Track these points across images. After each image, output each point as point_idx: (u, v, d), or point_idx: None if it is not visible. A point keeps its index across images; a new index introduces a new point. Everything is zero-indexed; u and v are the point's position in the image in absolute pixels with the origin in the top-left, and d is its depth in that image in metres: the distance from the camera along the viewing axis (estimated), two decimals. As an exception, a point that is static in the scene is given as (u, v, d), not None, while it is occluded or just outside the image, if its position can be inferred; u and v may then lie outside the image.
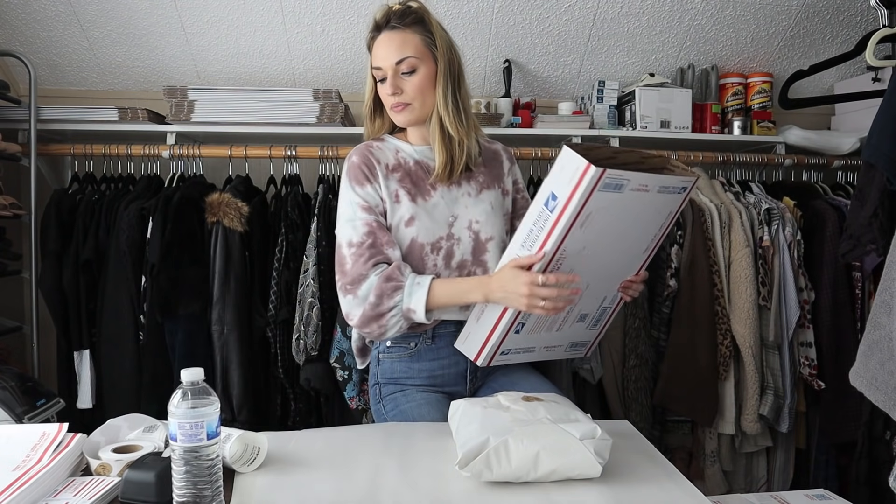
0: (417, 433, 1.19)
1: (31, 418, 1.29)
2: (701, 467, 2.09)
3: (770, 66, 2.51)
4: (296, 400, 2.01)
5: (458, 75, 1.38)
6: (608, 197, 1.15)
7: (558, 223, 1.15)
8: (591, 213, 1.16)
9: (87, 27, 2.20)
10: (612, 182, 1.13)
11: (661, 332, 2.06)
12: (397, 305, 1.29)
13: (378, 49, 1.34)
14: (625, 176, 1.14)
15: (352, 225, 1.33)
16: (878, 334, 1.25)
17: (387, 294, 1.28)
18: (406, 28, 1.32)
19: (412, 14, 1.33)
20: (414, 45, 1.32)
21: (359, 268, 1.30)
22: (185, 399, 0.82)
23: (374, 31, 1.36)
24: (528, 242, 1.20)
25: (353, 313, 1.32)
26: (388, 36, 1.33)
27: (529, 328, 1.30)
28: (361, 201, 1.34)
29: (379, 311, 1.29)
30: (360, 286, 1.30)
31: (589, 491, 0.95)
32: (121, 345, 1.92)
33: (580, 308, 1.36)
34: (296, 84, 2.42)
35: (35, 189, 2.07)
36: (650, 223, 1.32)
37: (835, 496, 1.40)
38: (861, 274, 2.08)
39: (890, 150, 1.40)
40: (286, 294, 1.96)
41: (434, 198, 1.38)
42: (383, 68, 1.33)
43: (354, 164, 1.36)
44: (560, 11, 2.27)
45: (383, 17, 1.34)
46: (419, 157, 1.41)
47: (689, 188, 1.31)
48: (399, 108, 1.35)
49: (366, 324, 1.31)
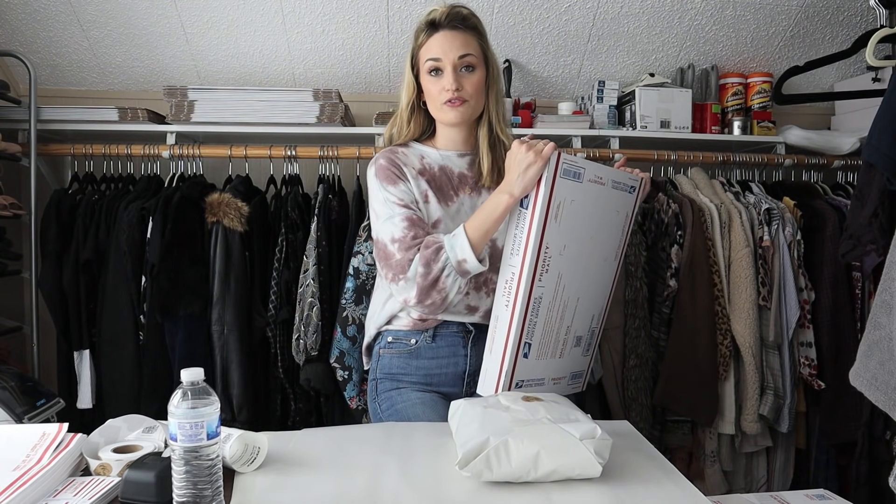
0: (417, 433, 1.19)
1: (31, 418, 1.29)
2: (701, 467, 2.09)
3: (770, 66, 2.51)
4: (296, 400, 2.01)
5: (502, 84, 1.44)
6: (571, 186, 1.25)
7: (534, 217, 1.22)
8: (560, 203, 1.24)
9: (87, 27, 2.20)
10: (571, 168, 1.24)
11: (661, 332, 2.06)
12: (446, 264, 1.27)
13: (439, 42, 1.35)
14: (579, 163, 1.26)
15: (392, 222, 1.32)
16: (878, 334, 1.25)
17: (432, 259, 1.27)
18: (467, 30, 1.36)
19: (472, 19, 1.37)
20: (474, 47, 1.36)
21: (403, 256, 1.30)
22: (185, 399, 0.82)
23: (430, 28, 1.37)
24: (515, 247, 1.26)
25: (409, 295, 1.30)
26: (450, 34, 1.35)
27: (536, 351, 1.31)
28: (396, 199, 1.33)
29: (432, 277, 1.28)
30: (407, 269, 1.29)
31: (589, 491, 0.95)
32: (121, 345, 1.92)
33: (576, 328, 1.39)
34: (296, 84, 2.42)
35: (35, 189, 2.07)
36: (613, 224, 1.39)
37: (835, 496, 1.40)
38: (861, 274, 2.08)
39: (890, 150, 1.40)
40: (286, 294, 1.96)
41: (457, 203, 1.39)
42: (443, 60, 1.34)
43: (383, 166, 1.36)
44: (560, 11, 2.27)
45: (445, 17, 1.35)
46: (444, 163, 1.41)
47: (639, 189, 1.41)
48: (457, 102, 1.35)
49: (425, 295, 1.29)
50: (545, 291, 1.27)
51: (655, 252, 2.11)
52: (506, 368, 1.27)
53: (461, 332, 1.41)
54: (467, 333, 1.41)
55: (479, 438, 0.97)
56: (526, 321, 1.26)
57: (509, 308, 1.25)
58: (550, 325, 1.32)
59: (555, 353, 1.37)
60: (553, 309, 1.31)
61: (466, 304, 1.39)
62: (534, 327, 1.28)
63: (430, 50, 1.35)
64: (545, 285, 1.26)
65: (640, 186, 1.40)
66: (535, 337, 1.29)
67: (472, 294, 1.38)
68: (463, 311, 1.39)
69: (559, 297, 1.31)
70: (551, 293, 1.29)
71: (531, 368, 1.32)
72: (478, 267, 1.27)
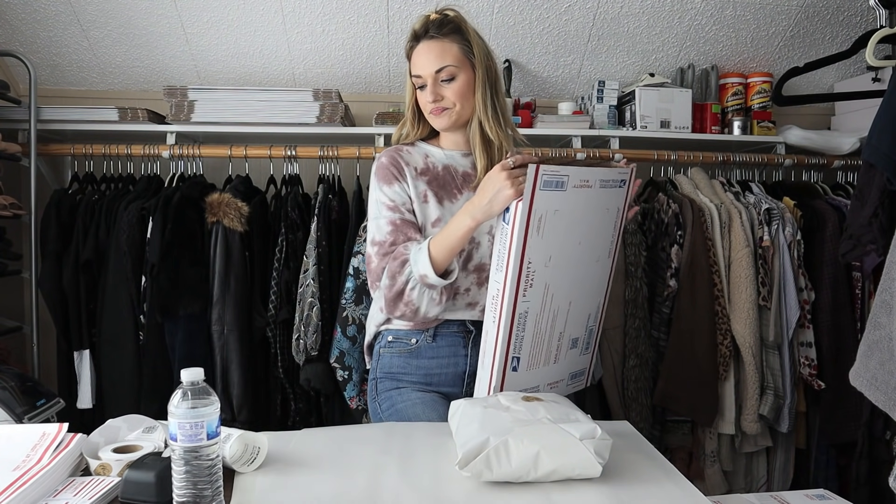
0: (417, 433, 1.19)
1: (31, 418, 1.29)
2: (701, 467, 2.09)
3: (770, 67, 2.51)
4: (296, 400, 2.01)
5: (496, 81, 1.41)
6: (554, 196, 1.17)
7: (514, 232, 1.17)
8: (542, 216, 1.18)
9: (87, 27, 2.20)
10: (552, 179, 1.16)
11: (661, 332, 2.06)
12: (410, 277, 1.29)
13: (418, 58, 1.36)
14: (562, 172, 1.16)
15: (376, 224, 1.35)
16: (878, 334, 1.25)
17: (397, 272, 1.29)
18: (444, 37, 1.34)
19: (450, 23, 1.35)
20: (453, 54, 1.34)
21: (378, 263, 1.33)
22: (185, 399, 0.82)
23: (412, 40, 1.38)
24: (499, 263, 1.23)
25: (382, 304, 1.33)
26: (427, 45, 1.35)
27: (526, 363, 1.30)
28: (388, 200, 1.35)
29: (396, 290, 1.30)
30: (379, 278, 1.32)
31: (589, 491, 0.95)
32: (121, 345, 1.92)
33: (569, 332, 1.37)
34: (296, 84, 2.42)
35: (35, 189, 2.07)
36: (604, 223, 1.34)
37: (835, 496, 1.40)
38: (861, 274, 2.08)
39: (890, 150, 1.40)
40: (286, 294, 1.96)
41: (459, 202, 1.40)
42: (423, 76, 1.35)
43: (383, 165, 1.38)
44: (560, 11, 2.27)
45: (422, 27, 1.36)
46: (448, 162, 1.43)
47: (629, 180, 1.34)
48: (438, 111, 1.37)
49: (393, 306, 1.31)
50: (531, 306, 1.25)
51: (655, 252, 2.11)
52: (494, 384, 1.26)
53: (461, 331, 1.41)
54: (468, 333, 1.42)
55: (479, 438, 0.97)
56: (512, 336, 1.24)
57: (495, 324, 1.24)
58: (540, 336, 1.30)
59: (548, 360, 1.35)
60: (541, 321, 1.29)
61: (466, 302, 1.40)
62: (521, 341, 1.27)
63: (415, 66, 1.37)
64: (530, 300, 1.24)
65: (630, 178, 1.35)
66: (524, 350, 1.28)
67: (474, 290, 1.39)
68: (463, 307, 1.39)
69: (547, 308, 1.29)
70: (538, 306, 1.26)
71: (523, 380, 1.31)
72: (441, 282, 1.28)
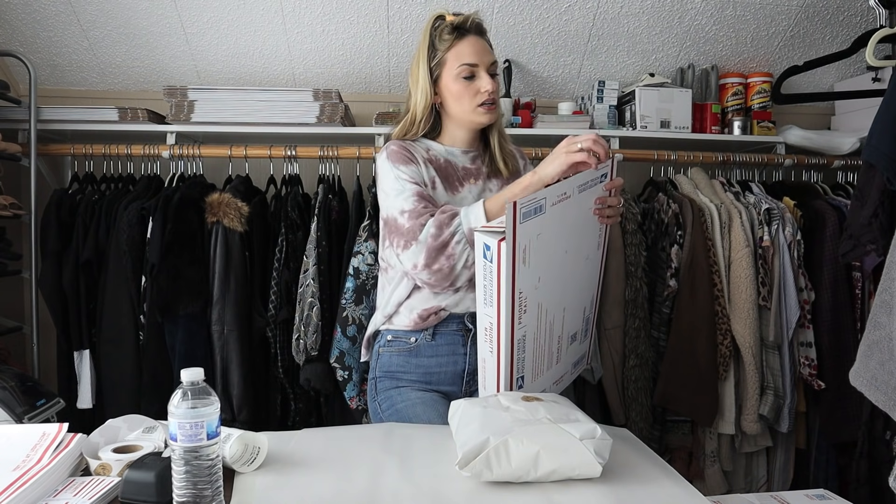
0: (417, 433, 1.19)
1: (31, 418, 1.29)
2: (701, 467, 2.09)
3: (770, 66, 2.51)
4: (296, 400, 2.01)
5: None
6: (534, 223, 1.15)
7: (501, 270, 1.14)
8: (526, 247, 1.15)
9: (87, 27, 2.20)
10: (531, 207, 1.13)
11: (661, 332, 2.06)
12: (458, 229, 1.28)
13: (472, 46, 1.40)
14: (538, 196, 1.14)
15: (402, 196, 1.34)
16: (878, 334, 1.26)
17: (445, 223, 1.29)
18: (484, 39, 1.44)
19: (485, 30, 1.46)
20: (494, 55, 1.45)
21: (414, 223, 1.31)
22: (185, 399, 0.82)
23: (454, 33, 1.40)
24: (488, 298, 1.20)
25: (417, 260, 1.30)
26: (476, 39, 1.41)
27: (530, 377, 1.29)
28: (408, 177, 1.36)
29: (442, 240, 1.28)
30: (418, 234, 1.30)
31: (589, 491, 0.95)
32: (121, 345, 1.92)
33: (568, 330, 1.38)
34: (296, 84, 2.42)
35: (35, 189, 2.07)
36: (588, 223, 1.34)
37: (835, 496, 1.40)
38: (861, 274, 2.08)
39: (890, 150, 1.40)
40: (286, 294, 1.96)
41: (462, 192, 1.44)
42: (480, 65, 1.40)
43: (394, 151, 1.40)
44: (560, 11, 2.27)
45: (469, 23, 1.41)
46: (449, 157, 1.46)
47: (610, 171, 1.32)
48: (493, 105, 1.42)
49: (433, 259, 1.29)
50: (527, 329, 1.23)
51: (655, 252, 2.11)
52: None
53: (461, 330, 1.42)
54: (467, 332, 1.42)
55: (479, 438, 0.97)
56: (514, 360, 1.23)
57: (494, 354, 1.22)
58: (540, 349, 1.30)
59: (550, 364, 1.35)
60: (539, 336, 1.28)
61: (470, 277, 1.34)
62: (523, 362, 1.26)
63: (463, 54, 1.39)
64: (526, 324, 1.22)
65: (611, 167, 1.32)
66: (527, 368, 1.28)
67: None
68: (466, 284, 1.36)
69: (544, 322, 1.28)
70: (534, 326, 1.25)
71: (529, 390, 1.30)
72: None
